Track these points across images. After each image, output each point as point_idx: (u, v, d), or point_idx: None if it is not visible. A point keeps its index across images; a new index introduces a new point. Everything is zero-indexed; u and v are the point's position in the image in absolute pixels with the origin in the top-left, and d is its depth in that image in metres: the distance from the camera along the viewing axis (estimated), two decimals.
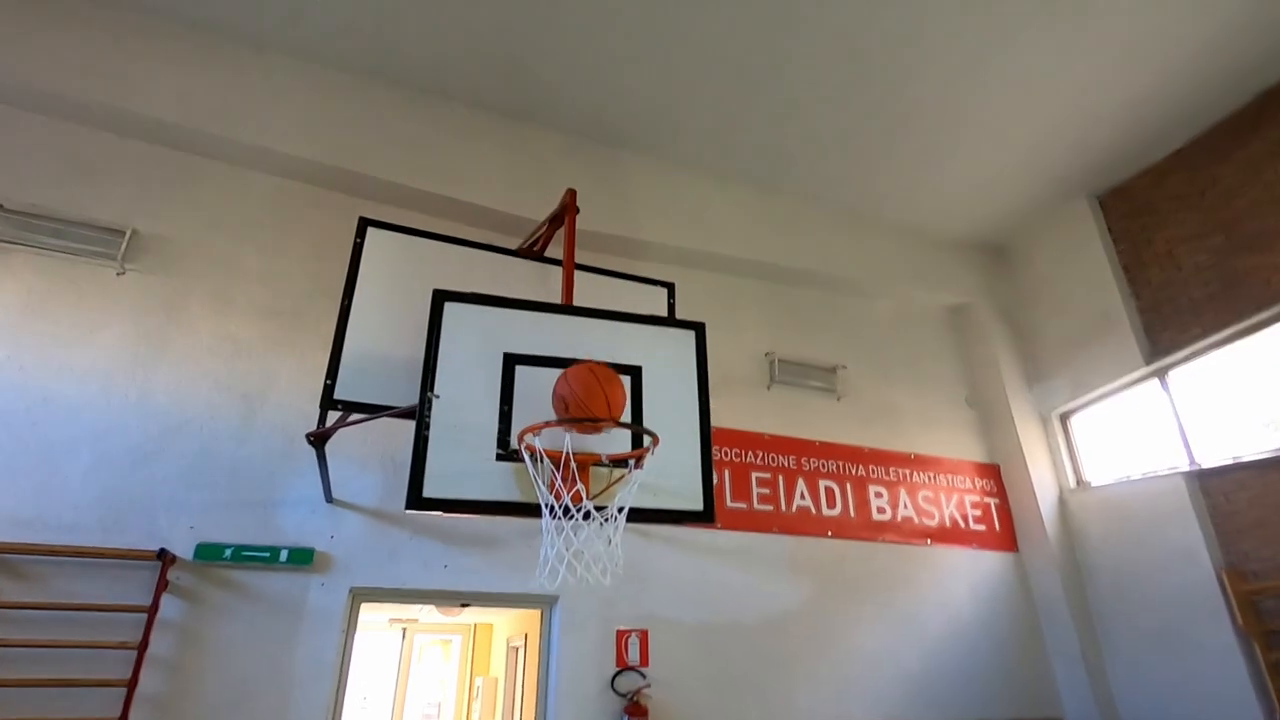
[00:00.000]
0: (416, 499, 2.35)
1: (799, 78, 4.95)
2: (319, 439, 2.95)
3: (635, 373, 2.78)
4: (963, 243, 6.75)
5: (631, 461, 2.54)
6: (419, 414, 2.47)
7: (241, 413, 4.00)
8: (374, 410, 2.93)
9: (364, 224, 3.39)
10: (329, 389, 3.00)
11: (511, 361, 2.66)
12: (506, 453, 2.51)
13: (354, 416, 3.02)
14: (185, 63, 4.45)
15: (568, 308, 2.90)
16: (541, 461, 2.36)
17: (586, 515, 2.36)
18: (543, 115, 5.28)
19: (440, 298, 2.69)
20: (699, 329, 2.98)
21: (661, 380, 2.82)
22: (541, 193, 4.76)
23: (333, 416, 3.11)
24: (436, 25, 4.57)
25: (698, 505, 2.66)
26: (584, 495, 2.31)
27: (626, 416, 2.65)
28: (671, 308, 3.73)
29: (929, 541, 5.50)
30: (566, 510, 2.36)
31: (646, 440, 2.52)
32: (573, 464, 2.33)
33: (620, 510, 2.38)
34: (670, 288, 3.88)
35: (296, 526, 3.85)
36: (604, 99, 5.15)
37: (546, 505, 2.33)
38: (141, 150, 4.38)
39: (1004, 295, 6.67)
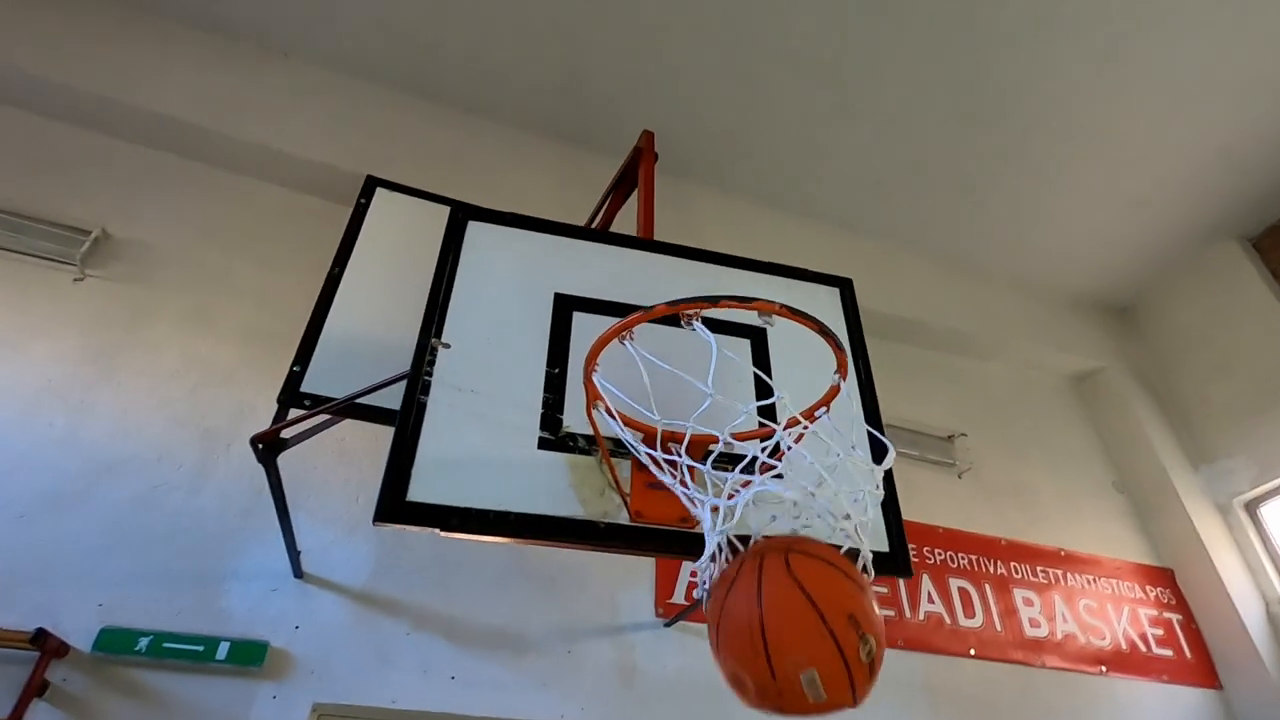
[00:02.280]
0: (395, 505, 1.31)
1: (897, 93, 4.25)
2: (269, 444, 1.96)
3: (756, 338, 1.78)
4: (1081, 300, 5.74)
5: (775, 439, 1.44)
6: (413, 369, 1.49)
7: (200, 453, 3.03)
8: (350, 410, 1.94)
9: (372, 184, 2.59)
10: (295, 376, 2.06)
11: (566, 306, 1.70)
12: (556, 437, 1.49)
13: (313, 427, 2.03)
14: (200, 61, 3.95)
15: (649, 242, 1.96)
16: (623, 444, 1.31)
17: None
18: (597, 138, 4.62)
19: (461, 215, 1.78)
20: (844, 286, 2.00)
21: (795, 353, 1.81)
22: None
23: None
24: (483, 38, 4.07)
25: (881, 544, 1.55)
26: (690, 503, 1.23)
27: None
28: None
29: (1104, 670, 4.05)
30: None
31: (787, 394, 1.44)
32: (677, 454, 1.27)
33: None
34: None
35: (248, 610, 2.74)
36: (667, 120, 4.48)
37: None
38: (132, 152, 3.77)
39: (1140, 358, 5.55)
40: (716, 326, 1.79)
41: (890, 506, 1.61)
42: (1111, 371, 5.40)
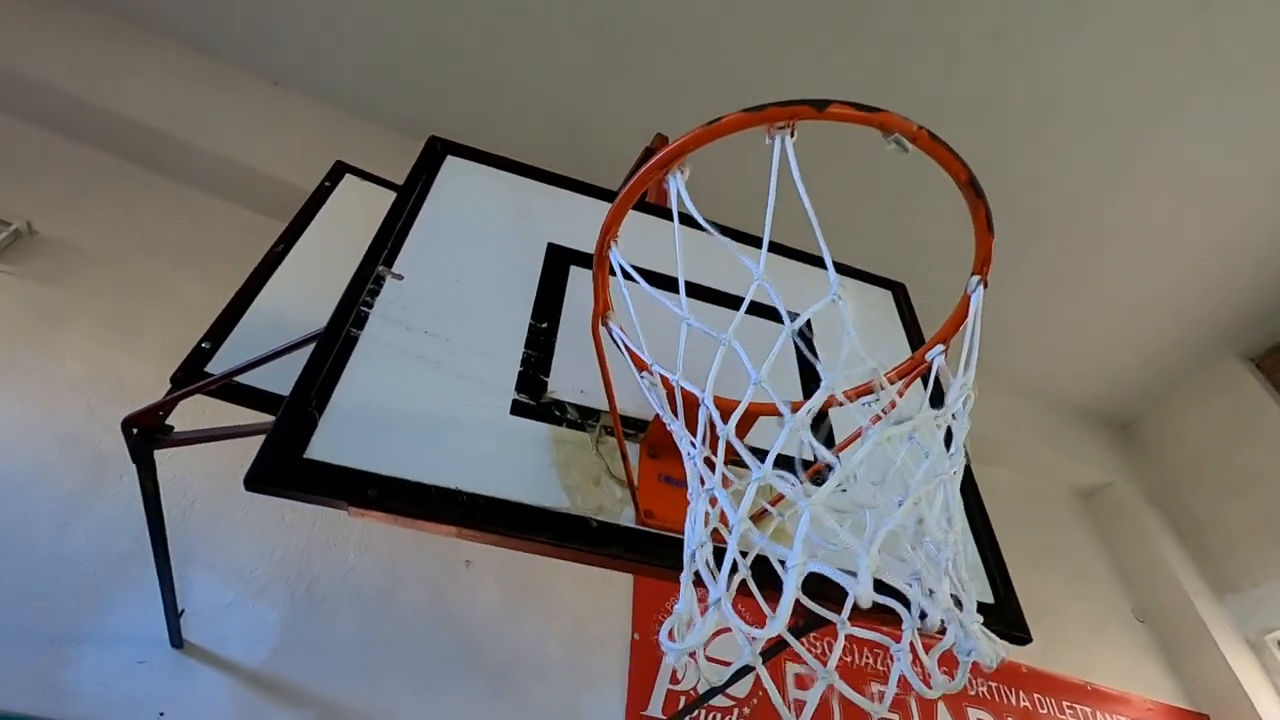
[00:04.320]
0: (284, 462, 0.86)
1: (900, 177, 4.15)
2: (145, 430, 1.47)
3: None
4: (1083, 410, 5.48)
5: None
6: (345, 298, 1.08)
7: (85, 480, 2.48)
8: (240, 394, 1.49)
9: (341, 170, 2.26)
10: (202, 354, 1.61)
11: (561, 259, 1.31)
12: (537, 403, 1.06)
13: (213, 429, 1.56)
14: (182, 75, 3.72)
15: (669, 210, 1.61)
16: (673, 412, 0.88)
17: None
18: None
19: (440, 147, 1.43)
20: (897, 290, 1.66)
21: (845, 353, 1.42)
22: None
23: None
24: (485, 86, 3.96)
25: (982, 592, 1.11)
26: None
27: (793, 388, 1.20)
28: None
29: None
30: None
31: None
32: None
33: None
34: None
35: (100, 686, 2.10)
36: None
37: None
38: (82, 152, 3.44)
39: (1148, 476, 5.22)
40: (754, 308, 1.41)
41: (983, 530, 1.17)
42: (1120, 488, 5.06)
